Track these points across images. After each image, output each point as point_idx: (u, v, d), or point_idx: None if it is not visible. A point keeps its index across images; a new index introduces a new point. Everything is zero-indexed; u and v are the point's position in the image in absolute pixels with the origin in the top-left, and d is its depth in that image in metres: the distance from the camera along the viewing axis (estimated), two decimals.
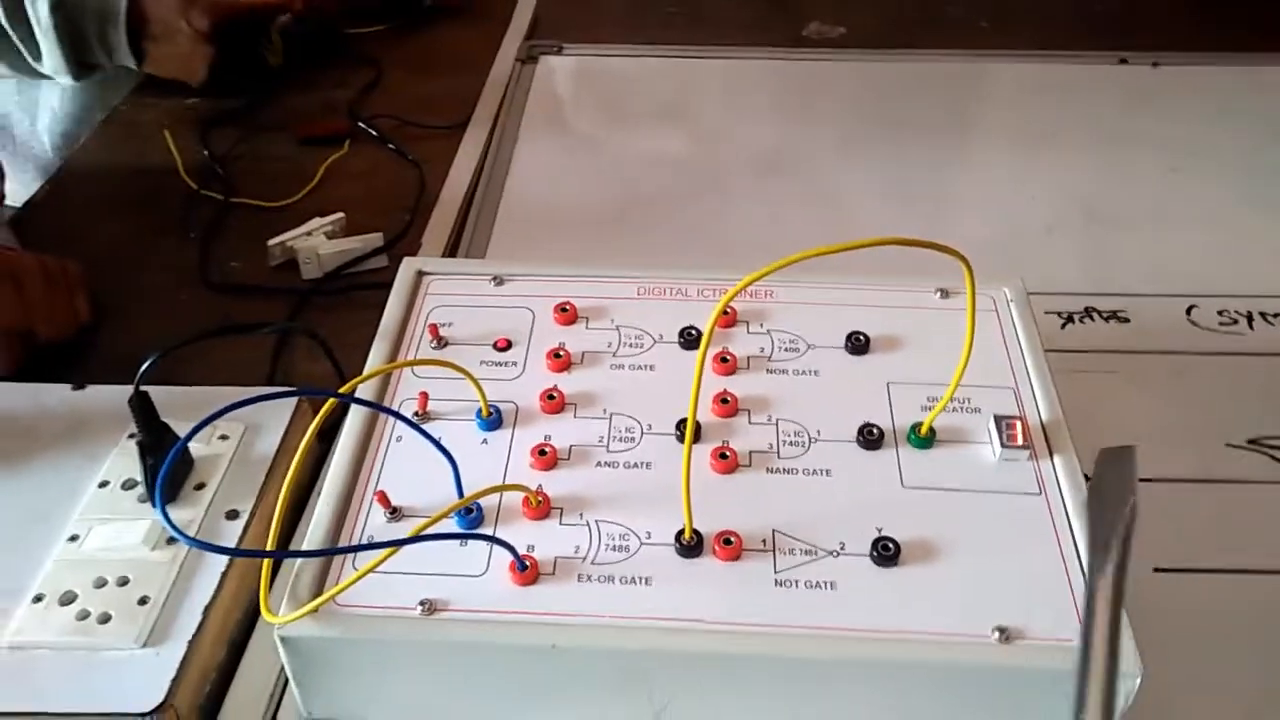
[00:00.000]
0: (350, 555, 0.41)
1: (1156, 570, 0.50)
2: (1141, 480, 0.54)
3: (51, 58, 0.80)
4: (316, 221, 0.74)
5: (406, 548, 0.40)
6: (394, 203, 0.78)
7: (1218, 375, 0.62)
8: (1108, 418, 0.57)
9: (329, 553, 0.41)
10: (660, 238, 0.74)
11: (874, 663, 0.39)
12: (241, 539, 0.47)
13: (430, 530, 0.39)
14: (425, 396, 0.48)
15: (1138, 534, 0.48)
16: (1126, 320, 0.66)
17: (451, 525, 0.42)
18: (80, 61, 0.82)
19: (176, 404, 0.49)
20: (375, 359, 0.50)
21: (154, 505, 0.34)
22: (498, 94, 0.91)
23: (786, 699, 0.41)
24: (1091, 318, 0.66)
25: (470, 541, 0.42)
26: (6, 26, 0.78)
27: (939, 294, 0.53)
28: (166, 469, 0.34)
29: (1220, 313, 0.66)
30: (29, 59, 0.81)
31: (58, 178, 0.84)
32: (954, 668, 0.39)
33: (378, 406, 0.45)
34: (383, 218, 0.75)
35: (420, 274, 0.55)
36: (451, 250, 0.74)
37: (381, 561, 0.38)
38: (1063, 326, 0.65)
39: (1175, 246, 0.72)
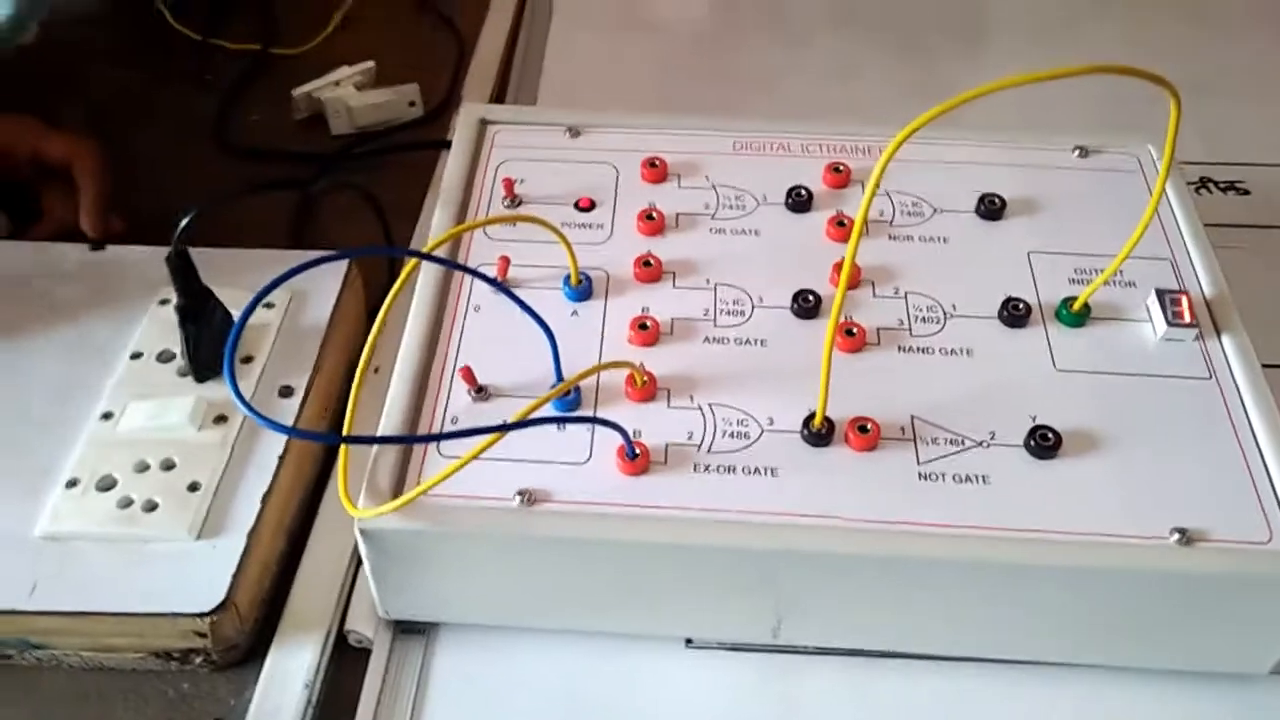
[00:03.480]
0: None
1: None
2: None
3: None
4: (344, 70, 0.66)
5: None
6: (422, 58, 0.70)
7: None
8: (1237, 296, 0.51)
9: (424, 439, 0.35)
10: (719, 94, 0.67)
11: (1038, 569, 0.34)
12: (298, 419, 0.42)
13: (533, 416, 0.34)
14: (506, 261, 0.42)
15: None
16: (1246, 192, 0.60)
17: (548, 408, 0.37)
18: None
19: (209, 266, 0.43)
20: (440, 219, 0.44)
21: (225, 377, 0.28)
22: None
23: (932, 608, 0.36)
24: (1209, 189, 0.60)
25: (569, 424, 0.37)
26: None
27: (1077, 152, 0.47)
28: (235, 338, 0.28)
29: None
30: None
31: (47, 23, 0.75)
32: (1129, 574, 0.34)
33: (463, 268, 0.39)
34: (411, 74, 0.67)
35: (484, 123, 0.48)
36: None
37: (484, 449, 0.33)
38: None
39: None
